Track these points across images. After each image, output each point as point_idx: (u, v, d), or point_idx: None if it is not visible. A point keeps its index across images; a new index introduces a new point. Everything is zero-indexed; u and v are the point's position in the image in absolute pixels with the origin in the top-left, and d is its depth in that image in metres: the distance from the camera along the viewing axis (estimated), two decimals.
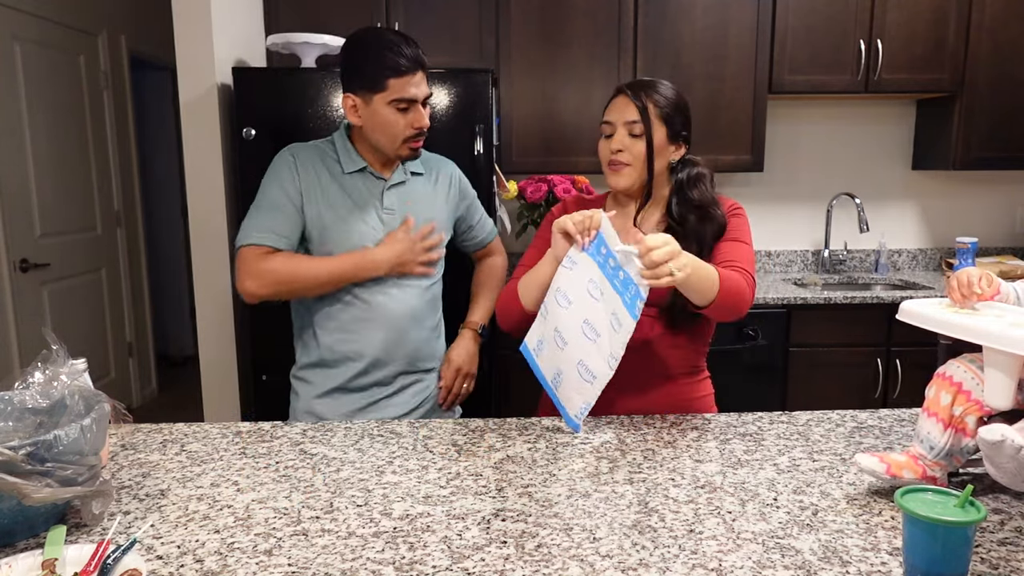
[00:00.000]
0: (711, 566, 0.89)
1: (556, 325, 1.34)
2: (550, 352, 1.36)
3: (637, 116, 1.42)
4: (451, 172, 1.76)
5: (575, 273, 1.33)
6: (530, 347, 1.41)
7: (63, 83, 3.71)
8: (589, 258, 1.32)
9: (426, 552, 0.93)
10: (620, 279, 1.29)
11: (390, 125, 1.54)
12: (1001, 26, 2.96)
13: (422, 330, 1.67)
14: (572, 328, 1.32)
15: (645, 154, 1.43)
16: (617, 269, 1.29)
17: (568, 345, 1.32)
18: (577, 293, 1.33)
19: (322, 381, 1.65)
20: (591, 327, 1.31)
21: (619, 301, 1.29)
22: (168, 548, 0.95)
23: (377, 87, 1.51)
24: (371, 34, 1.56)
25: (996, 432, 0.92)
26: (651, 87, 1.45)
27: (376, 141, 1.57)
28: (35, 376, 1.09)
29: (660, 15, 2.92)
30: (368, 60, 1.51)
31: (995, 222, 3.46)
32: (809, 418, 1.40)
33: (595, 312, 1.31)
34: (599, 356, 1.30)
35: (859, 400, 2.84)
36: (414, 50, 1.53)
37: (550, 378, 1.37)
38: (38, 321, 3.49)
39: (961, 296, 1.10)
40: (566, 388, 1.34)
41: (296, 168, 1.58)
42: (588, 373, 1.31)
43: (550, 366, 1.37)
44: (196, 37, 2.44)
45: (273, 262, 1.53)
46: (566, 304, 1.33)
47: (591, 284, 1.32)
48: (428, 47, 2.89)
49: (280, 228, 1.54)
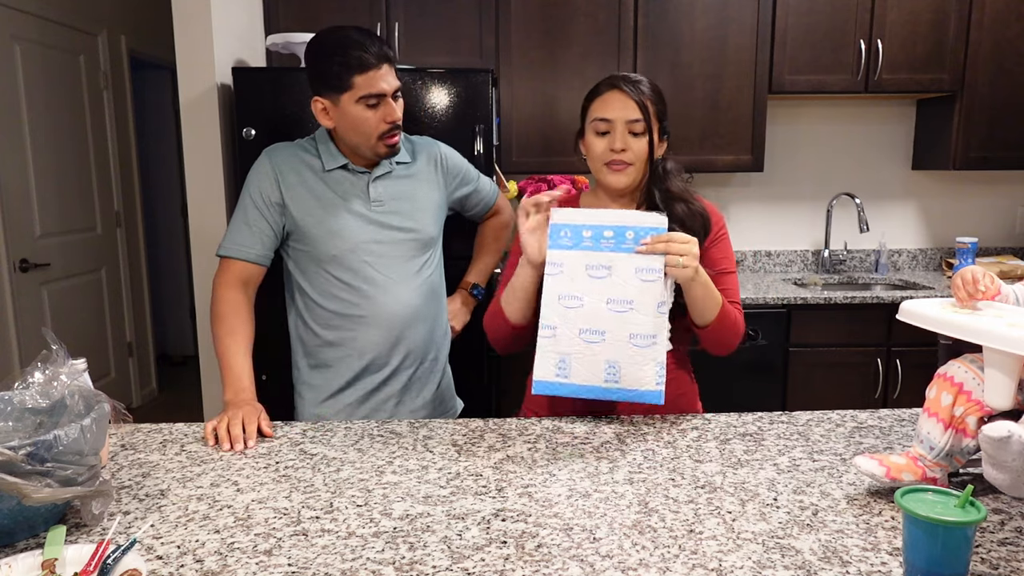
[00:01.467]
0: (711, 566, 0.89)
1: (580, 327, 1.31)
2: (587, 357, 1.31)
3: (639, 115, 1.39)
4: (436, 152, 1.73)
5: (566, 273, 1.32)
6: (548, 379, 1.33)
7: (63, 83, 3.71)
8: (570, 252, 1.32)
9: (426, 552, 0.93)
10: (628, 239, 1.30)
11: (362, 123, 1.52)
12: (1001, 26, 2.96)
13: (421, 325, 1.67)
14: (601, 317, 1.30)
15: (647, 153, 1.42)
16: (618, 233, 1.30)
17: (608, 332, 1.30)
18: (582, 287, 1.31)
19: (324, 383, 1.65)
20: (618, 301, 1.30)
21: (636, 256, 1.29)
22: (168, 548, 0.95)
23: (343, 86, 1.49)
24: (332, 34, 1.53)
25: (1002, 428, 0.92)
26: (641, 83, 1.43)
27: (351, 141, 1.56)
28: (35, 376, 1.09)
29: (660, 15, 2.92)
30: (332, 60, 1.48)
31: (995, 222, 3.46)
32: (809, 418, 1.40)
33: (612, 287, 1.30)
34: (644, 317, 1.29)
35: (859, 400, 2.84)
36: (378, 44, 1.50)
37: (602, 380, 1.31)
38: (38, 321, 3.49)
39: (966, 294, 1.10)
40: (630, 371, 1.30)
41: (275, 172, 1.59)
42: (645, 339, 1.29)
43: (595, 370, 1.31)
44: (196, 37, 2.44)
45: (225, 296, 1.56)
46: (578, 304, 1.31)
47: (590, 270, 1.31)
48: (428, 47, 2.92)
49: (252, 244, 1.58)
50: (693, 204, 1.45)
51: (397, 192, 1.63)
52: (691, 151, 2.94)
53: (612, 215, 1.32)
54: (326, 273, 1.60)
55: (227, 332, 1.53)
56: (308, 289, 1.62)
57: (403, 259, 1.63)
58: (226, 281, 1.57)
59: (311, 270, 1.61)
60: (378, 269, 1.60)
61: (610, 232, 1.31)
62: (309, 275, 1.62)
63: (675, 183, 1.46)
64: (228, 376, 1.50)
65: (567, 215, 1.34)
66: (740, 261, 3.42)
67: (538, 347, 1.34)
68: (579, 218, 1.33)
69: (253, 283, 1.60)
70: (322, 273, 1.60)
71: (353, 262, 1.59)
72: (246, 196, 1.60)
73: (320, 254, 1.59)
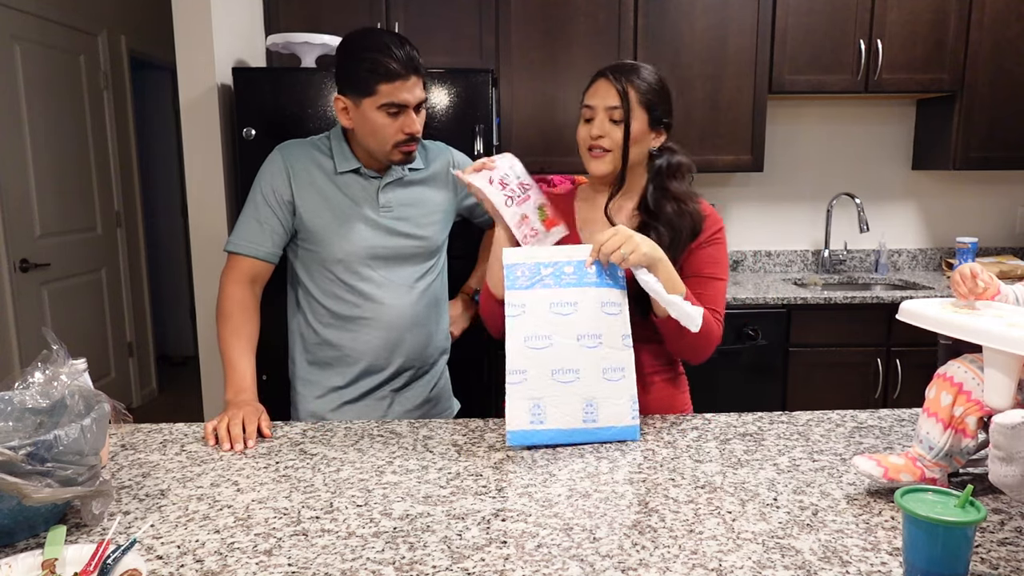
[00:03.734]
0: (711, 566, 0.89)
1: (552, 368, 1.26)
2: (562, 399, 1.26)
3: (618, 101, 1.38)
4: (448, 159, 1.73)
5: (529, 313, 1.28)
6: (523, 427, 1.25)
7: (63, 83, 3.71)
8: (527, 292, 1.29)
9: (426, 552, 0.93)
10: (590, 272, 1.29)
11: (380, 129, 1.51)
12: (1001, 26, 2.96)
13: (421, 332, 1.67)
14: (573, 354, 1.27)
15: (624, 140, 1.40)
16: (576, 267, 1.30)
17: (582, 369, 1.27)
18: (547, 326, 1.27)
19: (321, 380, 1.65)
20: (588, 336, 1.28)
21: (601, 290, 1.29)
22: (168, 548, 0.95)
23: (367, 91, 1.48)
24: (365, 36, 1.52)
25: (1017, 415, 0.89)
26: (633, 71, 1.41)
27: (367, 144, 1.56)
28: (35, 376, 1.09)
29: (660, 15, 2.92)
30: (360, 63, 1.48)
31: (995, 222, 3.46)
32: (809, 418, 1.40)
33: (581, 322, 1.28)
34: (613, 350, 1.28)
35: (859, 400, 2.84)
36: (408, 53, 1.48)
37: (580, 421, 1.26)
38: (38, 321, 3.49)
39: (967, 289, 1.10)
40: (607, 408, 1.27)
41: (287, 170, 1.58)
42: (615, 371, 1.28)
43: (571, 410, 1.26)
44: (196, 37, 2.44)
45: (232, 293, 1.56)
46: (547, 344, 1.26)
47: (553, 307, 1.28)
48: (428, 47, 2.91)
49: (262, 241, 1.58)
50: (687, 205, 1.41)
51: (407, 199, 1.64)
52: (691, 151, 2.88)
53: (569, 250, 1.32)
54: (330, 274, 1.60)
55: (232, 331, 1.53)
56: (311, 287, 1.63)
57: (407, 265, 1.64)
58: (234, 278, 1.57)
59: (316, 269, 1.62)
60: (382, 274, 1.61)
61: (569, 267, 1.30)
62: (313, 274, 1.62)
63: (676, 183, 1.44)
64: (231, 375, 1.50)
65: (517, 254, 1.31)
66: (740, 261, 3.42)
67: (507, 396, 1.26)
68: (537, 255, 1.31)
69: (261, 280, 1.60)
70: (326, 274, 1.60)
71: (358, 266, 1.59)
72: (257, 192, 1.59)
73: (326, 256, 1.59)
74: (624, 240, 1.25)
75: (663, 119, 1.44)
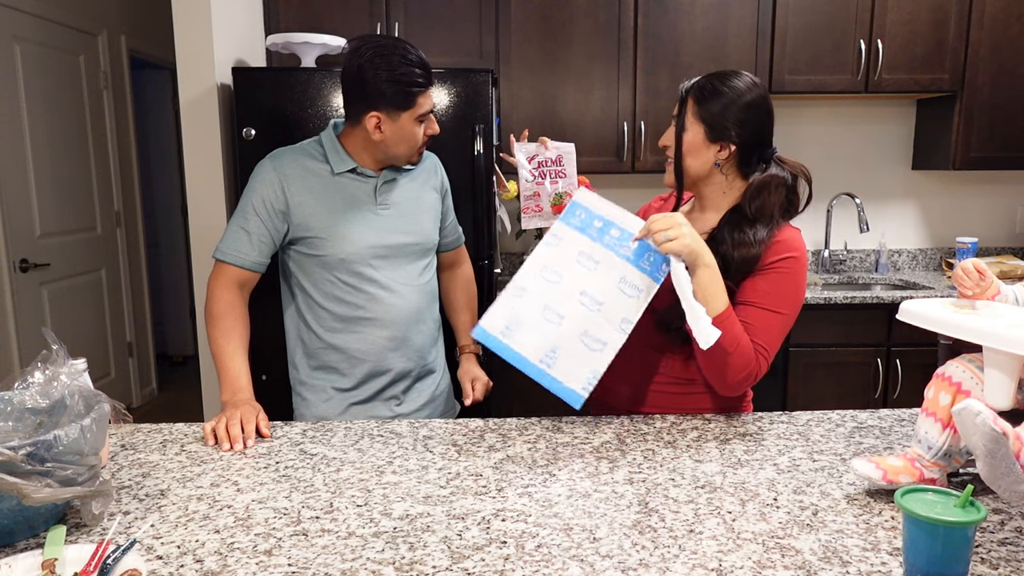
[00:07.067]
0: (711, 566, 0.89)
1: (547, 302, 1.30)
2: (538, 331, 1.29)
3: (677, 108, 1.40)
4: (436, 162, 1.78)
5: (561, 248, 1.34)
6: (493, 332, 1.30)
7: (63, 83, 3.71)
8: (573, 231, 1.34)
9: (426, 552, 0.93)
10: (631, 247, 1.31)
11: (411, 137, 1.57)
12: (1001, 26, 2.97)
13: (423, 327, 1.68)
14: (568, 301, 1.30)
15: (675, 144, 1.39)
16: (623, 235, 1.32)
17: (566, 319, 1.29)
18: (567, 267, 1.32)
19: (327, 384, 1.65)
20: (590, 297, 1.30)
21: (629, 267, 1.30)
22: (168, 548, 0.95)
23: (407, 104, 1.53)
24: (388, 50, 1.53)
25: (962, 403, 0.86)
26: (713, 78, 1.37)
27: (395, 153, 1.59)
28: (35, 376, 1.09)
29: (660, 15, 2.92)
30: (399, 80, 1.51)
31: (995, 222, 3.46)
32: (809, 418, 1.40)
33: (592, 282, 1.30)
34: (607, 323, 1.29)
35: (859, 400, 2.84)
36: (425, 61, 1.56)
37: (539, 358, 1.28)
38: (38, 321, 3.49)
39: (972, 283, 1.10)
40: (566, 363, 1.28)
41: (280, 180, 1.57)
42: (596, 342, 1.29)
43: (539, 346, 1.29)
44: (196, 37, 2.44)
45: (220, 296, 1.56)
46: (556, 279, 1.32)
47: (581, 256, 1.32)
48: (428, 47, 2.92)
49: (248, 252, 1.58)
50: (749, 233, 1.33)
51: (403, 196, 1.65)
52: None
53: (629, 218, 1.33)
54: (332, 277, 1.60)
55: (222, 333, 1.54)
56: (311, 291, 1.62)
57: (407, 262, 1.64)
58: (222, 283, 1.58)
59: (315, 273, 1.61)
60: (384, 272, 1.61)
61: (616, 232, 1.32)
62: (313, 278, 1.62)
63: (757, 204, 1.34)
64: (225, 377, 1.50)
65: (588, 197, 1.36)
66: None
67: (500, 298, 1.32)
68: (599, 207, 1.35)
69: (248, 286, 1.61)
70: (327, 276, 1.60)
71: (361, 266, 1.59)
72: (247, 203, 1.59)
73: (328, 259, 1.59)
74: (672, 225, 1.24)
75: (731, 132, 1.34)
